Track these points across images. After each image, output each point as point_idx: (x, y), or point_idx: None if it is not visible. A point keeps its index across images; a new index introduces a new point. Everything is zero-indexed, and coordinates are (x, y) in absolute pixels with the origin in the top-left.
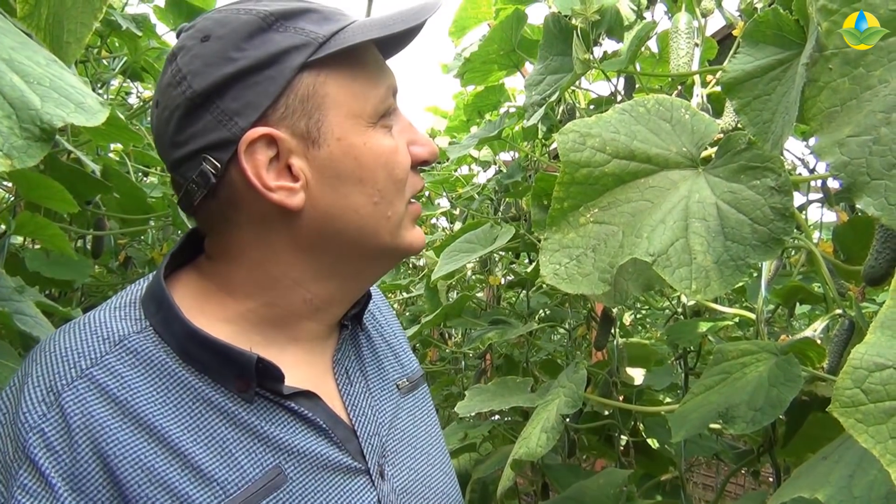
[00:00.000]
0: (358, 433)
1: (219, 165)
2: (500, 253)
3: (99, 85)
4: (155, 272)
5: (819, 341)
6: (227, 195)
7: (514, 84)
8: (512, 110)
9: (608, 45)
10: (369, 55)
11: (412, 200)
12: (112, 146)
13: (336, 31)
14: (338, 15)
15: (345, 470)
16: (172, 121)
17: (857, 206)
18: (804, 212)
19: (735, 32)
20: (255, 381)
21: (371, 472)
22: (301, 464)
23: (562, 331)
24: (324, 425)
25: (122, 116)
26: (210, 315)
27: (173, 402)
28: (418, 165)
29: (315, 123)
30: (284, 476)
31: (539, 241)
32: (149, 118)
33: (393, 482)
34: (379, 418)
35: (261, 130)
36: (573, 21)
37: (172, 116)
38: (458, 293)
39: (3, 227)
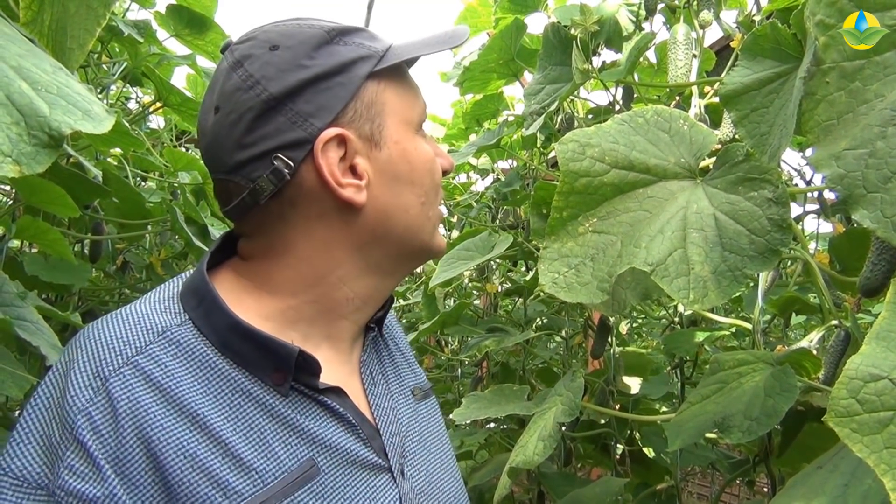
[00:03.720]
0: (381, 432)
1: (292, 164)
2: (498, 261)
3: (99, 90)
4: (196, 268)
5: (815, 352)
6: (292, 194)
7: (513, 93)
8: (510, 119)
9: (607, 55)
10: (408, 73)
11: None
12: (110, 150)
13: (388, 47)
14: (379, 36)
15: (371, 466)
16: (241, 123)
17: (854, 218)
18: (800, 222)
19: (733, 44)
20: (292, 374)
21: (393, 470)
22: (333, 457)
23: (558, 339)
24: (353, 421)
25: (125, 123)
26: (248, 310)
27: (214, 393)
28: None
29: (377, 127)
30: (317, 468)
31: (537, 249)
32: (148, 123)
33: (412, 482)
34: (399, 419)
35: (335, 131)
36: (572, 31)
37: (241, 119)
38: (455, 301)
39: (2, 230)
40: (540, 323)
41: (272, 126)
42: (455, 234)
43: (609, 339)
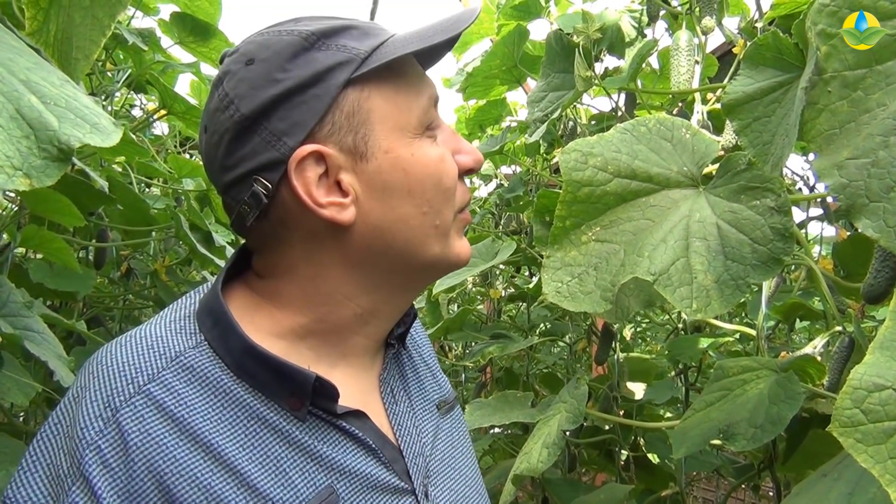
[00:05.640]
0: (404, 453)
1: (269, 186)
2: (501, 266)
3: (103, 97)
4: (212, 285)
5: (819, 358)
6: (279, 215)
7: (516, 98)
8: (513, 124)
9: (609, 60)
10: (410, 67)
11: (464, 210)
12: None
13: (377, 45)
14: (377, 30)
15: (393, 490)
16: (222, 145)
17: (856, 226)
18: (804, 228)
19: (735, 50)
20: (309, 399)
21: (417, 492)
22: (352, 484)
23: (562, 344)
24: (373, 445)
25: (131, 134)
26: (262, 330)
27: (228, 420)
28: (464, 174)
29: (362, 138)
30: (337, 496)
31: (540, 255)
32: (153, 130)
33: (437, 503)
34: (423, 438)
35: (309, 148)
36: (575, 38)
37: (222, 141)
38: (458, 306)
39: (7, 238)
40: (543, 328)
41: (249, 147)
42: None
43: (613, 345)
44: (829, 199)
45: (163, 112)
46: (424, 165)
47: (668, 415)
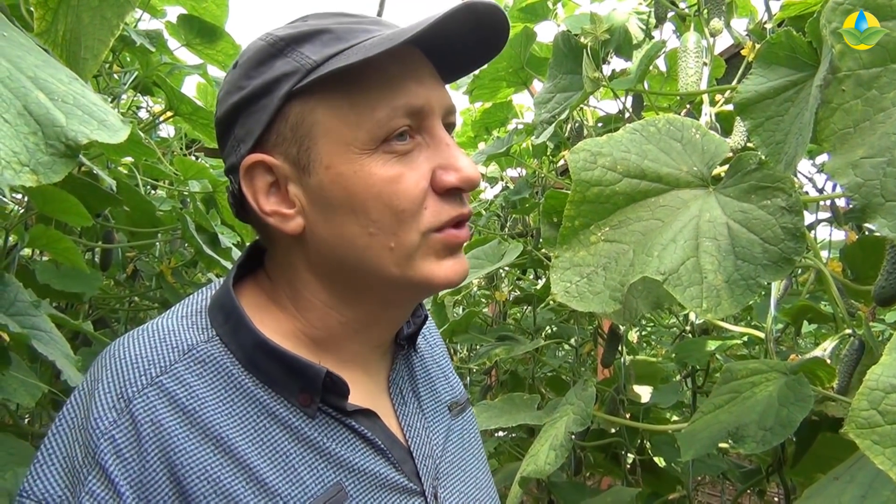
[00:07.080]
0: (413, 454)
1: (236, 187)
2: (507, 269)
3: (110, 99)
4: (224, 281)
5: (828, 361)
6: (252, 215)
7: (522, 101)
8: (520, 127)
9: (617, 62)
10: (378, 74)
11: (447, 229)
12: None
13: (334, 53)
14: (357, 33)
15: (401, 490)
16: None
17: (871, 227)
18: (813, 231)
19: (743, 52)
20: (319, 395)
21: (426, 494)
22: (361, 482)
23: (568, 347)
24: (382, 445)
25: (140, 133)
26: (269, 329)
27: (239, 414)
28: (455, 191)
29: (305, 151)
30: (345, 493)
31: (546, 257)
32: (159, 132)
33: None
34: (433, 440)
35: (255, 157)
36: (583, 40)
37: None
38: (464, 309)
39: (14, 239)
40: (549, 331)
41: (226, 148)
42: None
43: (619, 348)
44: (839, 202)
45: (169, 114)
46: (368, 185)
47: (675, 418)
